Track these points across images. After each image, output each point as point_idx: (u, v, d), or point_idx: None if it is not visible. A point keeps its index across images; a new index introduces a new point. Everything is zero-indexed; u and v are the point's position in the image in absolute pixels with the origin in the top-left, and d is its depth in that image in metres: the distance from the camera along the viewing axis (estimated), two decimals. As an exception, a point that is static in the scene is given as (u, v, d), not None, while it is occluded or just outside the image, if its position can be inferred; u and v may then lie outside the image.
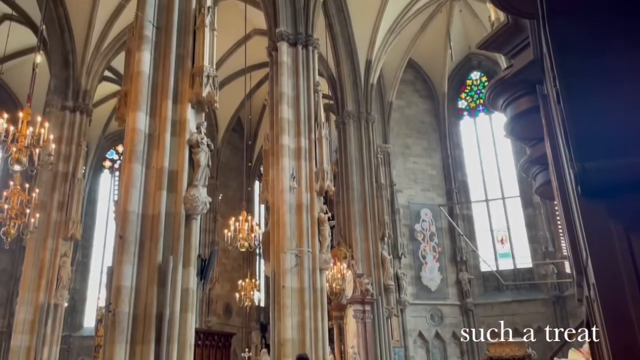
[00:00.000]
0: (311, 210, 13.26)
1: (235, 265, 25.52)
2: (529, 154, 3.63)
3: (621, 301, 1.63)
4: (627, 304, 1.62)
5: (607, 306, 1.65)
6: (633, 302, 1.61)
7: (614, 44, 1.84)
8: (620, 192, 1.73)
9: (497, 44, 2.78)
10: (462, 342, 21.21)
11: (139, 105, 8.16)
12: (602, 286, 1.68)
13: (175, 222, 7.89)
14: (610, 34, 1.85)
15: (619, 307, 1.63)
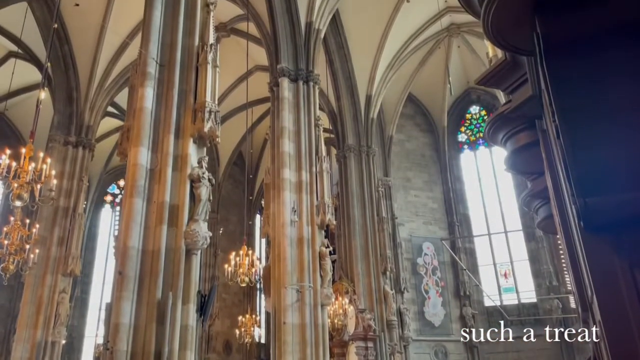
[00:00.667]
0: (312, 244, 13.17)
1: (236, 301, 25.20)
2: (530, 187, 3.61)
3: (628, 339, 1.59)
4: (634, 342, 1.58)
5: (613, 344, 1.61)
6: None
7: (611, 80, 1.86)
8: (624, 228, 1.71)
9: (496, 80, 2.81)
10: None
11: (141, 140, 8.22)
12: (608, 324, 1.65)
13: (176, 258, 7.83)
14: (607, 69, 1.87)
15: (626, 345, 1.59)
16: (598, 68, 1.88)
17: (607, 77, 1.86)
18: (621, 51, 1.88)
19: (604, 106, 1.82)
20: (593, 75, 1.88)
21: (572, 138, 1.78)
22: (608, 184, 1.72)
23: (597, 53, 1.90)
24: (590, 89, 1.85)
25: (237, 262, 12.21)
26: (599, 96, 1.85)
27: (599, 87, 1.85)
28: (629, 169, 1.72)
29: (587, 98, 1.85)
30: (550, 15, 1.96)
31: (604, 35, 1.91)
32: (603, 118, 1.81)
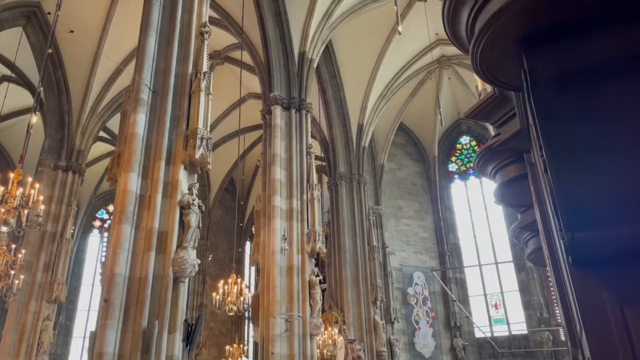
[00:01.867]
0: (302, 272, 13.05)
1: (224, 330, 24.77)
2: (520, 219, 3.62)
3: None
4: (625, 381, 1.56)
5: (604, 383, 1.59)
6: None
7: (597, 115, 1.88)
8: (612, 263, 1.71)
9: (484, 114, 2.84)
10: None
11: (132, 166, 8.19)
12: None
13: (163, 285, 7.71)
14: (593, 105, 1.89)
15: (616, 384, 1.57)
16: (584, 104, 1.91)
17: (593, 112, 1.88)
18: (606, 87, 1.91)
19: (590, 141, 1.84)
20: (579, 111, 1.90)
21: (558, 172, 1.79)
22: (595, 218, 1.72)
23: (583, 89, 1.93)
24: (577, 124, 1.87)
25: (225, 290, 12.04)
26: (585, 131, 1.86)
27: (585, 122, 1.87)
28: (615, 203, 1.72)
29: (573, 133, 1.87)
30: (537, 51, 1.99)
31: (589, 72, 1.94)
32: (589, 153, 1.82)
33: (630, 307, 1.63)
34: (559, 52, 1.97)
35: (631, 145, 1.76)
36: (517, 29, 2.01)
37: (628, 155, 1.75)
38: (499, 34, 2.03)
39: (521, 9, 1.91)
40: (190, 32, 9.81)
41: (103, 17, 16.97)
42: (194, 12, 10.01)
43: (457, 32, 2.29)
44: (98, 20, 17.00)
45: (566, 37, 1.95)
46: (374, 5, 18.00)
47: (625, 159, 1.75)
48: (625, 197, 1.70)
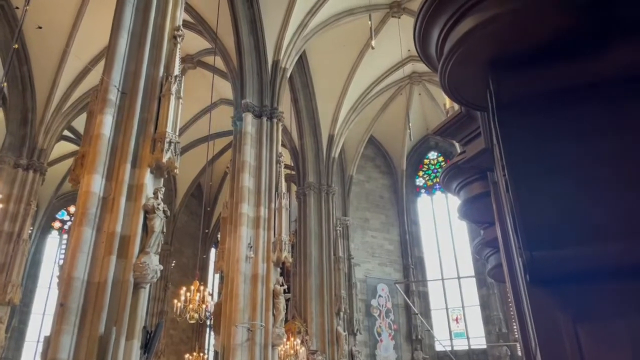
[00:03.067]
0: (267, 281, 12.96)
1: (184, 337, 24.30)
2: (482, 236, 3.68)
3: (570, 395, 1.61)
4: (576, 398, 1.60)
5: (556, 400, 1.63)
6: (582, 396, 1.59)
7: (558, 138, 1.93)
8: (567, 283, 1.75)
9: (451, 131, 2.89)
10: None
11: (96, 167, 8.00)
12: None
13: (122, 291, 7.52)
14: (555, 128, 1.95)
15: (568, 400, 1.61)
16: (546, 126, 1.96)
17: (554, 135, 1.94)
18: (568, 111, 1.97)
19: (551, 163, 1.89)
20: (541, 133, 1.95)
21: (519, 192, 1.84)
22: (553, 239, 1.76)
23: (546, 112, 1.99)
24: (538, 146, 1.93)
25: (187, 297, 11.83)
26: (546, 153, 1.92)
27: (546, 144, 1.93)
28: (572, 224, 1.78)
29: (535, 154, 1.92)
30: (503, 74, 2.05)
31: (552, 96, 2.00)
32: (549, 175, 1.88)
33: (582, 326, 1.68)
34: (524, 76, 2.03)
35: (588, 169, 1.83)
36: (484, 52, 2.06)
37: (585, 178, 1.81)
38: (467, 54, 2.08)
39: (489, 33, 1.96)
40: (163, 35, 9.69)
41: (73, 14, 16.61)
42: (168, 15, 9.91)
43: (427, 50, 2.34)
44: (68, 18, 16.63)
45: (532, 62, 2.01)
46: (349, 18, 18.21)
47: (582, 182, 1.81)
48: (581, 219, 1.76)
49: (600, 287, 1.70)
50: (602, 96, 1.90)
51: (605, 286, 1.70)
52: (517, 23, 1.89)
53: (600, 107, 1.90)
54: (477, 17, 1.89)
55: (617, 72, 1.86)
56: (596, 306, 1.69)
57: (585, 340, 1.67)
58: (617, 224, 1.72)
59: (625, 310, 1.67)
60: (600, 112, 1.90)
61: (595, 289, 1.70)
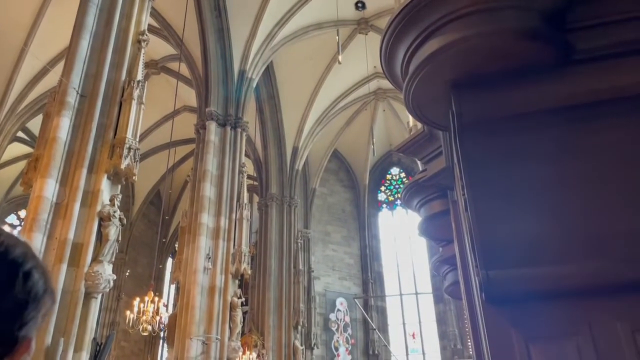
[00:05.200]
0: (224, 293, 12.75)
1: (136, 350, 23.57)
2: (440, 253, 3.73)
3: (522, 413, 1.63)
4: (527, 417, 1.62)
5: (508, 419, 1.65)
6: (533, 415, 1.61)
7: (516, 161, 1.98)
8: (521, 302, 1.79)
9: (413, 149, 2.93)
10: None
11: (50, 171, 7.70)
12: (503, 397, 1.69)
13: (72, 300, 7.23)
14: (513, 151, 2.00)
15: (519, 419, 1.63)
16: (506, 148, 2.01)
17: (513, 157, 1.99)
18: (528, 135, 2.02)
19: (508, 185, 1.93)
20: (500, 155, 2.00)
21: (477, 212, 1.87)
22: (509, 259, 1.80)
23: (506, 134, 2.04)
24: (497, 168, 1.97)
25: (140, 308, 11.50)
26: (504, 175, 1.96)
27: (505, 166, 1.97)
28: (527, 246, 1.82)
29: (493, 176, 1.96)
30: (465, 95, 2.09)
31: (513, 119, 2.05)
32: (506, 196, 1.92)
33: (535, 345, 1.71)
34: (486, 99, 2.08)
35: (544, 193, 1.88)
36: (448, 73, 2.10)
37: (541, 201, 1.86)
38: (432, 75, 2.12)
39: (453, 55, 2.01)
40: (127, 39, 9.48)
41: (34, 12, 16.09)
42: (133, 18, 9.71)
43: (392, 69, 2.37)
44: (28, 16, 16.10)
45: (494, 85, 2.07)
46: (317, 32, 18.36)
47: (538, 205, 1.86)
48: (536, 240, 1.80)
49: (552, 307, 1.74)
50: (561, 120, 1.96)
51: (557, 306, 1.74)
52: (480, 47, 1.94)
53: (558, 131, 1.96)
54: (442, 39, 1.93)
55: (577, 98, 1.93)
56: (548, 326, 1.73)
57: (537, 358, 1.70)
58: (570, 246, 1.77)
59: (576, 331, 1.71)
60: (558, 136, 1.96)
61: (547, 309, 1.74)
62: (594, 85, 1.96)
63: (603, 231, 1.75)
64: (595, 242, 1.75)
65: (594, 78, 1.96)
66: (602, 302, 1.71)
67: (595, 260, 1.73)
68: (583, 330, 1.70)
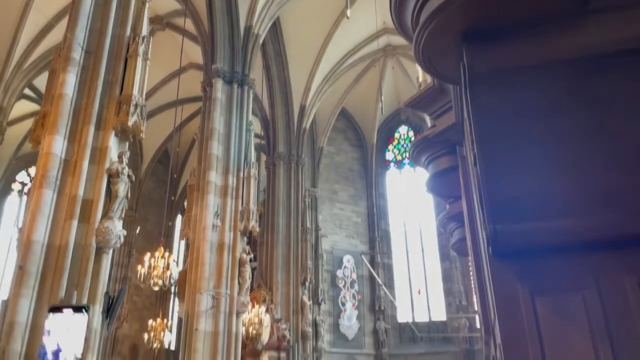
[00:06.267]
0: (233, 250, 12.94)
1: (147, 304, 24.20)
2: (448, 210, 3.74)
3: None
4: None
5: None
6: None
7: (527, 114, 1.95)
8: (528, 256, 1.79)
9: (423, 104, 2.89)
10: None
11: (58, 128, 7.72)
12: (507, 348, 1.71)
13: (84, 255, 7.38)
14: (524, 104, 1.96)
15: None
16: (516, 101, 1.97)
17: (524, 111, 1.95)
18: (538, 88, 1.98)
19: (519, 139, 1.91)
20: (511, 108, 1.96)
21: (487, 166, 1.85)
22: (517, 213, 1.79)
23: (517, 87, 2.00)
24: (508, 121, 1.93)
25: (151, 264, 11.73)
26: (514, 129, 1.93)
27: (516, 120, 1.94)
28: (534, 200, 1.80)
29: (504, 130, 1.93)
30: (476, 47, 2.03)
31: (524, 71, 2.00)
32: (517, 150, 1.89)
33: (540, 298, 1.72)
34: (497, 51, 2.03)
35: (554, 147, 1.85)
36: (459, 24, 2.04)
37: (550, 155, 1.83)
38: (442, 26, 2.06)
39: (463, 5, 1.94)
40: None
41: (36, -34, 15.76)
42: (136, -28, 9.49)
43: (403, 20, 2.30)
44: (30, -30, 15.78)
45: (505, 37, 2.01)
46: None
47: (548, 159, 1.84)
48: (545, 194, 1.79)
49: (559, 260, 1.74)
50: (573, 72, 1.91)
51: (564, 260, 1.74)
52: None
53: (570, 84, 1.91)
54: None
55: (591, 49, 1.87)
56: (554, 279, 1.74)
57: (542, 311, 1.71)
58: (578, 200, 1.76)
59: (582, 284, 1.71)
60: (570, 89, 1.91)
61: (553, 263, 1.75)
62: (609, 36, 1.90)
63: (612, 185, 1.74)
64: (604, 196, 1.73)
65: (609, 29, 1.89)
66: (609, 255, 1.71)
67: (603, 214, 1.71)
68: (589, 284, 1.71)
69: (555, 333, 1.67)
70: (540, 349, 1.65)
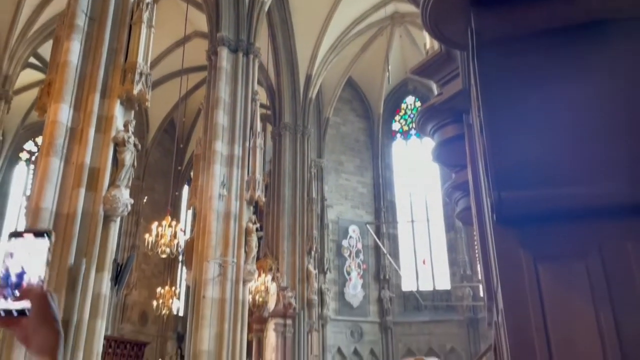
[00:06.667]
0: (239, 219, 13.05)
1: (156, 272, 24.60)
2: (453, 179, 3.74)
3: (526, 328, 1.67)
4: (531, 332, 1.67)
5: (512, 332, 1.70)
6: (537, 330, 1.66)
7: (536, 81, 1.92)
8: (532, 223, 1.79)
9: (430, 71, 2.86)
10: (379, 359, 21.57)
11: (63, 96, 7.71)
12: (509, 313, 1.73)
13: (92, 223, 7.47)
14: (533, 70, 1.93)
15: (523, 334, 1.68)
16: (525, 68, 1.94)
17: (532, 77, 1.93)
18: (547, 54, 1.95)
19: (527, 106, 1.89)
20: (518, 75, 1.94)
21: (492, 133, 1.84)
22: (523, 179, 1.79)
23: (525, 54, 1.97)
24: (514, 88, 1.91)
25: (158, 232, 11.86)
26: (521, 95, 1.91)
27: (523, 86, 1.92)
28: (540, 168, 1.80)
29: (510, 96, 1.91)
30: (485, 12, 1.99)
31: (534, 37, 1.97)
32: (522, 117, 1.88)
33: (543, 264, 1.73)
34: (507, 16, 1.98)
35: (561, 114, 1.83)
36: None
37: (557, 123, 1.82)
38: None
39: (474, -34, 1.89)
40: (133, -42, 9.12)
41: None
42: (138, -64, 9.28)
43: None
44: None
45: (514, 1, 1.97)
46: (332, -48, 17.46)
47: (554, 127, 1.82)
48: (550, 162, 1.78)
49: (562, 228, 1.74)
50: (582, 38, 1.87)
51: (568, 227, 1.74)
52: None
53: (579, 50, 1.88)
54: (463, -55, 1.82)
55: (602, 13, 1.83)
56: (558, 246, 1.74)
57: (544, 278, 1.72)
58: (584, 167, 1.75)
59: (585, 251, 1.72)
60: (579, 55, 1.88)
61: (558, 230, 1.75)
62: (619, 2, 1.86)
63: (619, 153, 1.72)
64: (610, 164, 1.72)
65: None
66: (613, 223, 1.71)
67: (609, 182, 1.71)
68: (592, 251, 1.71)
69: (557, 299, 1.69)
70: (541, 314, 1.66)
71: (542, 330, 1.66)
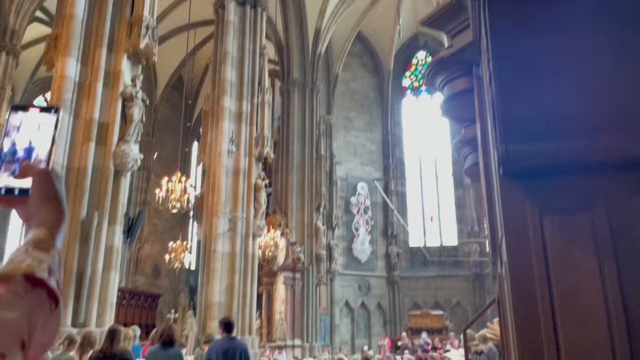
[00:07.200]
0: (249, 175, 13.12)
1: (167, 227, 25.01)
2: (463, 134, 3.71)
3: (528, 279, 1.70)
4: (533, 283, 1.69)
5: (515, 284, 1.72)
6: (539, 282, 1.68)
7: (547, 33, 1.88)
8: (538, 176, 1.79)
9: (440, 21, 2.79)
10: (386, 312, 22.08)
11: (70, 50, 7.65)
12: (512, 264, 1.75)
13: (103, 178, 7.56)
14: (545, 22, 1.89)
15: (526, 285, 1.70)
16: (536, 20, 1.90)
17: (542, 29, 1.88)
18: (558, 4, 1.89)
19: (537, 58, 1.85)
20: (529, 26, 1.89)
21: (502, 85, 1.81)
22: (530, 133, 1.77)
23: (536, 3, 1.92)
24: (525, 39, 1.87)
25: (169, 187, 11.98)
26: (531, 47, 1.87)
27: (533, 38, 1.87)
28: (548, 121, 1.78)
29: (521, 47, 1.87)
30: (498, -42, 1.93)
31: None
32: (532, 69, 1.84)
33: (548, 217, 1.74)
34: (520, -38, 1.92)
35: (571, 67, 1.79)
36: None
37: (567, 76, 1.78)
38: None
39: None
40: None
41: None
42: None
43: None
44: None
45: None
46: None
47: (564, 80, 1.79)
48: (558, 115, 1.76)
49: (568, 181, 1.74)
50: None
51: (574, 181, 1.74)
52: None
53: (593, 1, 1.82)
54: None
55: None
56: (563, 199, 1.74)
57: (549, 230, 1.73)
58: (593, 121, 1.72)
59: (591, 204, 1.72)
60: (590, 5, 1.82)
61: (563, 183, 1.74)
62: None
63: (629, 107, 1.69)
64: (619, 118, 1.70)
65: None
66: (619, 177, 1.70)
67: (616, 136, 1.69)
68: (598, 204, 1.71)
69: (561, 251, 1.70)
70: (545, 266, 1.68)
71: (544, 282, 1.68)
